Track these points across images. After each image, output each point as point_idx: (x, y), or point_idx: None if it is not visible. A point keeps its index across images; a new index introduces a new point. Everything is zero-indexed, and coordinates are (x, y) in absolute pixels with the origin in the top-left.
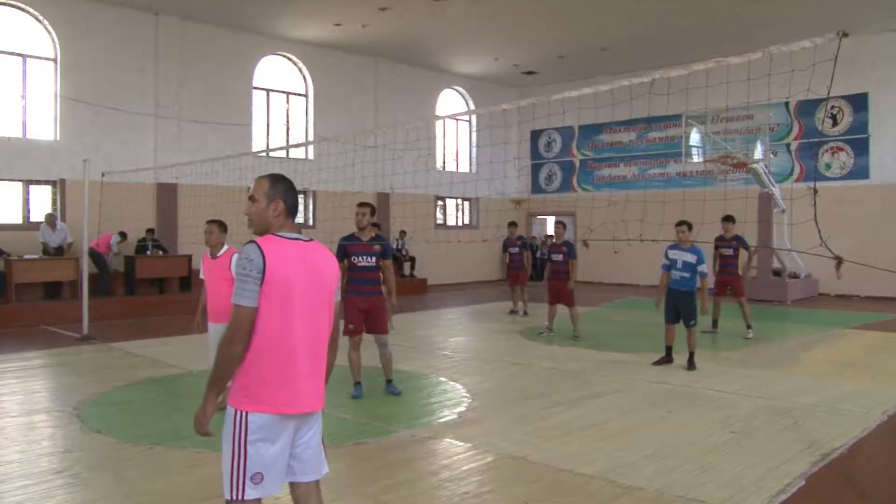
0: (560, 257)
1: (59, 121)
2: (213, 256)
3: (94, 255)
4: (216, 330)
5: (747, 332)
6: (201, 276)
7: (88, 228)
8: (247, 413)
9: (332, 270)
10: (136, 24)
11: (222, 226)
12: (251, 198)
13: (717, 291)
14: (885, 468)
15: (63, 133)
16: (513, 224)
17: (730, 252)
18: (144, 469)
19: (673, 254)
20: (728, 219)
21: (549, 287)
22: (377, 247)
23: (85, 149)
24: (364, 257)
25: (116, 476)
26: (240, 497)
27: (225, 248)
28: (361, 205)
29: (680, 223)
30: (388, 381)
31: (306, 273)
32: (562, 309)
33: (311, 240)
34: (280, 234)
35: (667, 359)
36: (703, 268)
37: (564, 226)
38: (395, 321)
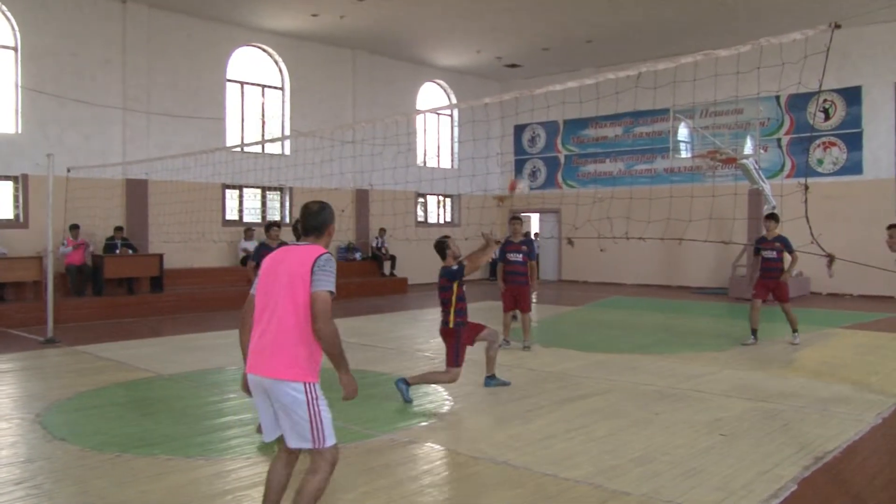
0: (519, 257)
1: (20, 113)
2: None
3: (75, 270)
4: None
5: (794, 338)
6: None
7: (53, 227)
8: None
9: (297, 266)
10: (102, 11)
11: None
12: None
13: (755, 293)
14: (879, 472)
15: (25, 126)
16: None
17: (773, 254)
18: (111, 478)
19: None
20: (771, 217)
21: (505, 291)
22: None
23: (49, 142)
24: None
25: (81, 486)
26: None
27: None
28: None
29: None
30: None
31: (275, 267)
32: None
33: (307, 244)
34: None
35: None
36: None
37: (522, 221)
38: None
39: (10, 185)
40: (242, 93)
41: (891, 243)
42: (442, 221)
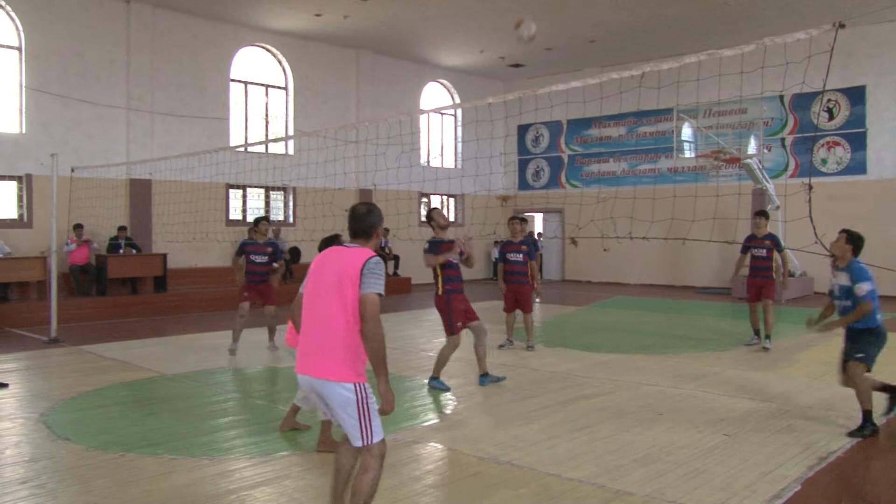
0: (520, 257)
1: (24, 113)
2: None
3: (78, 270)
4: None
5: (765, 342)
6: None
7: (57, 226)
8: None
9: (346, 268)
10: (106, 11)
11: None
12: None
13: (749, 297)
14: (883, 472)
15: (29, 126)
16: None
17: (762, 252)
18: (115, 478)
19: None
20: (761, 214)
21: (506, 291)
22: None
23: (53, 142)
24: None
25: (85, 486)
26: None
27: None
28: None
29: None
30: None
31: (323, 268)
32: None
33: (356, 247)
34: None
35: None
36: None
37: (526, 220)
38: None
39: (14, 184)
40: (246, 93)
41: (834, 246)
42: None
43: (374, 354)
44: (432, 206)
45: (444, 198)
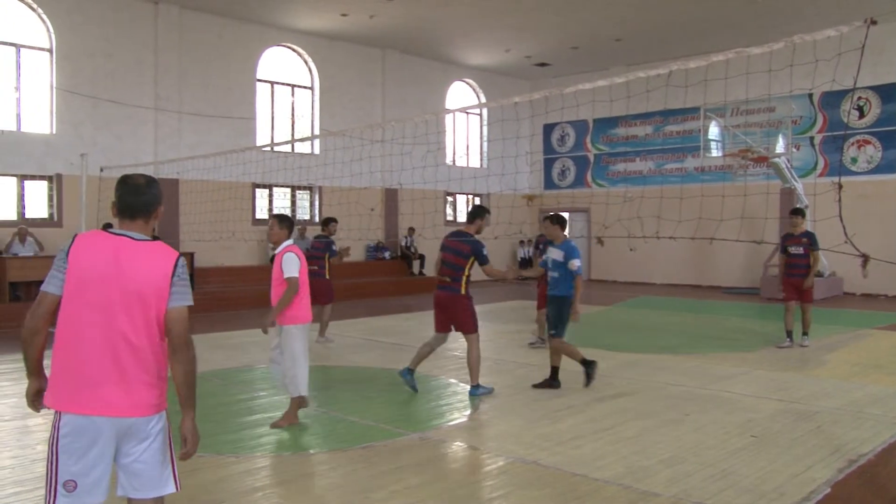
0: None
1: (55, 113)
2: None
3: None
4: (273, 332)
5: (803, 339)
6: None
7: (87, 226)
8: (59, 413)
9: (151, 274)
10: (135, 13)
11: (283, 220)
12: None
13: (785, 296)
14: None
15: (59, 126)
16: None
17: (800, 251)
18: None
19: None
20: (797, 212)
21: (539, 292)
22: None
23: (82, 142)
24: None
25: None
26: None
27: (283, 245)
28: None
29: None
30: None
31: (109, 268)
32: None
33: (152, 239)
34: (110, 230)
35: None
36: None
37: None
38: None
39: (45, 184)
40: (272, 92)
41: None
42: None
43: (189, 382)
44: (466, 205)
45: (470, 197)
